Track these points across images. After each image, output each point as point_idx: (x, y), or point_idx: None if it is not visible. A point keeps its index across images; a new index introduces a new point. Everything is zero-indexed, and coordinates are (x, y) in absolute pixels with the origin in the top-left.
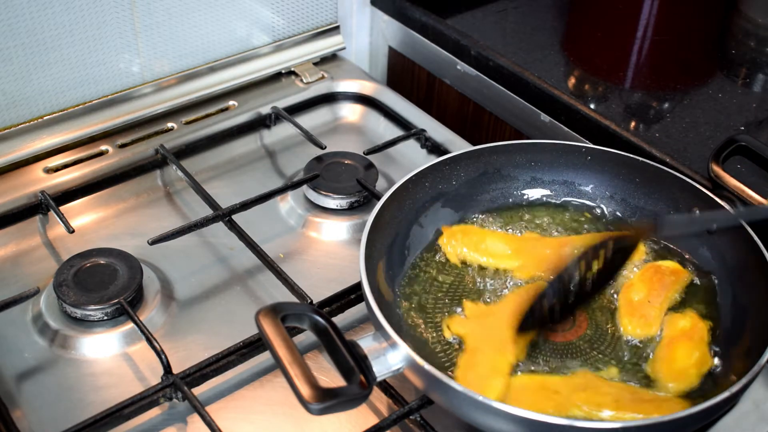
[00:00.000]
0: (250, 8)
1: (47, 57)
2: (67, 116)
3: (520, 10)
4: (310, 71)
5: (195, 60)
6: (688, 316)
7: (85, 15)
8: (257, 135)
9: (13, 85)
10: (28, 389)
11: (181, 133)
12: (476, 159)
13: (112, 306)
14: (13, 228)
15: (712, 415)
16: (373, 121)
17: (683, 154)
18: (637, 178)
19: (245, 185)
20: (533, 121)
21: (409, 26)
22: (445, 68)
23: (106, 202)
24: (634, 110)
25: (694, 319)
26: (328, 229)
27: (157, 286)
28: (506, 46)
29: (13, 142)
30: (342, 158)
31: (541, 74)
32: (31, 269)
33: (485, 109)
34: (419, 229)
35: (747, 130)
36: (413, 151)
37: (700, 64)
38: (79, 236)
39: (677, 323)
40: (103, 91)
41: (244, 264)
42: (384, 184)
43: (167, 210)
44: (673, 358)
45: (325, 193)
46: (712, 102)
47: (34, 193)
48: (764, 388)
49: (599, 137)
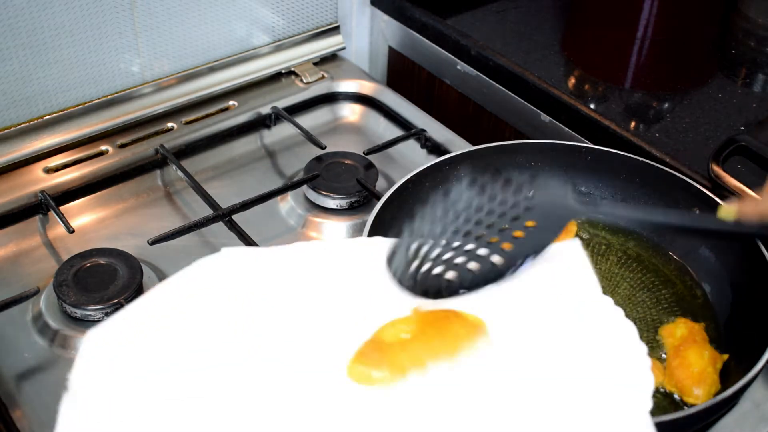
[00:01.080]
0: (250, 8)
1: (47, 57)
2: (67, 116)
3: (520, 10)
4: (310, 71)
5: (195, 60)
6: (680, 323)
7: (85, 15)
8: (257, 135)
9: (13, 85)
10: (28, 389)
11: (181, 133)
12: (476, 159)
13: (112, 306)
14: (13, 228)
15: (712, 415)
16: (373, 121)
17: (683, 154)
18: (637, 178)
19: (245, 185)
20: (533, 121)
21: (409, 26)
22: (445, 68)
23: (106, 202)
24: (634, 110)
25: (688, 323)
26: (328, 229)
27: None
28: (506, 46)
29: (13, 142)
30: (342, 158)
31: (541, 74)
32: (31, 269)
33: (485, 109)
34: None
35: (747, 130)
36: (413, 151)
37: (700, 64)
38: (79, 236)
39: (674, 333)
40: (103, 91)
41: None
42: (384, 184)
43: (167, 210)
44: (688, 363)
45: (325, 193)
46: (712, 102)
47: (34, 193)
48: (764, 388)
49: (599, 137)
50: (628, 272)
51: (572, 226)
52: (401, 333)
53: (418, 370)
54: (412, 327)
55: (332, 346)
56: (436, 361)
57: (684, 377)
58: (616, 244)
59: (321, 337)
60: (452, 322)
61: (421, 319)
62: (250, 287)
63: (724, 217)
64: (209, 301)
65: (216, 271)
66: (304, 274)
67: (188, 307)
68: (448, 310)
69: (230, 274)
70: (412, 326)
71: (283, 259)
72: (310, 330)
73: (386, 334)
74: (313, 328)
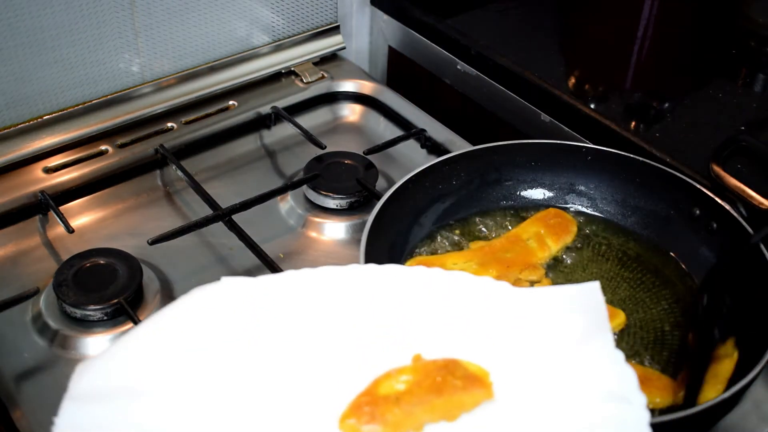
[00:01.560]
0: (250, 8)
1: (47, 57)
2: (67, 116)
3: (520, 10)
4: (310, 71)
5: (195, 60)
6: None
7: (85, 15)
8: (257, 135)
9: (12, 85)
10: (28, 389)
11: (181, 133)
12: (476, 159)
13: (111, 306)
14: (12, 228)
15: (713, 415)
16: (373, 121)
17: (683, 154)
18: (637, 178)
19: (245, 185)
20: (533, 121)
21: (409, 26)
22: (445, 68)
23: (106, 202)
24: (634, 110)
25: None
26: (328, 229)
27: (156, 286)
28: (506, 46)
29: (13, 142)
30: (342, 158)
31: (541, 74)
32: (30, 269)
33: (485, 109)
34: (419, 229)
35: (747, 130)
36: (413, 151)
37: (700, 64)
38: (78, 236)
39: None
40: (103, 90)
41: (244, 264)
42: (384, 184)
43: (167, 210)
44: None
45: (325, 193)
46: (712, 102)
47: (34, 193)
48: (764, 388)
49: (599, 137)
50: (628, 272)
51: (572, 226)
52: (398, 384)
53: (414, 429)
54: (410, 378)
55: (325, 394)
56: (433, 420)
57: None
58: (616, 244)
59: (315, 383)
60: (453, 374)
61: (420, 369)
62: (246, 322)
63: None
64: (203, 335)
65: (213, 302)
66: (303, 310)
67: (182, 341)
68: (449, 360)
69: (227, 306)
70: (409, 377)
71: (282, 291)
72: (304, 373)
73: (382, 386)
74: (308, 371)
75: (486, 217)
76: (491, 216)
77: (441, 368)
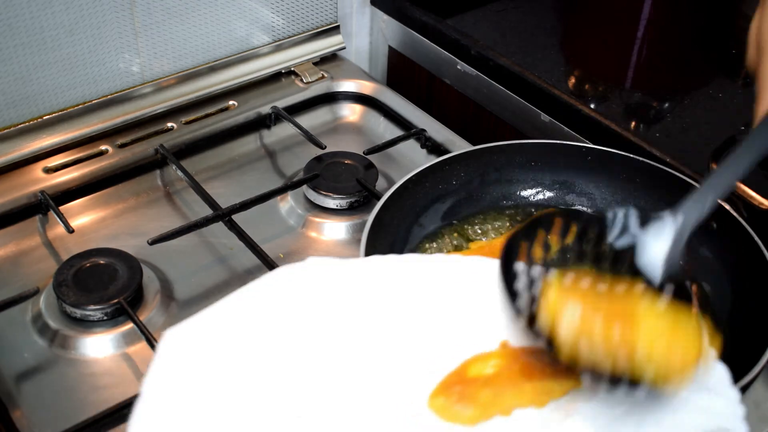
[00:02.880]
0: (250, 8)
1: (47, 57)
2: (67, 116)
3: (520, 10)
4: (310, 71)
5: (195, 60)
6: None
7: (85, 15)
8: (257, 135)
9: (12, 85)
10: (28, 389)
11: (181, 133)
12: (476, 159)
13: (112, 306)
14: (12, 228)
15: None
16: (373, 121)
17: (683, 154)
18: (637, 178)
19: (245, 185)
20: (533, 121)
21: (409, 26)
22: (445, 68)
23: (106, 202)
24: (634, 110)
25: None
26: (328, 229)
27: (157, 286)
28: (506, 46)
29: (13, 142)
30: (342, 158)
31: (541, 74)
32: (30, 269)
33: (485, 109)
34: (419, 229)
35: (747, 130)
36: (413, 151)
37: (700, 64)
38: (78, 236)
39: None
40: (103, 90)
41: (244, 264)
42: (384, 184)
43: (167, 210)
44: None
45: (325, 193)
46: (712, 102)
47: (34, 193)
48: (764, 388)
49: (599, 137)
50: None
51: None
52: (487, 368)
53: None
54: (499, 362)
55: (415, 374)
56: (521, 406)
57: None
58: None
59: (405, 364)
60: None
61: (509, 355)
62: (334, 303)
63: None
64: (289, 314)
65: (299, 281)
66: (392, 293)
67: (268, 318)
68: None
69: (314, 287)
70: (498, 361)
71: (371, 275)
72: (393, 354)
73: (471, 368)
74: (397, 352)
75: (486, 217)
76: (491, 216)
77: (530, 354)
